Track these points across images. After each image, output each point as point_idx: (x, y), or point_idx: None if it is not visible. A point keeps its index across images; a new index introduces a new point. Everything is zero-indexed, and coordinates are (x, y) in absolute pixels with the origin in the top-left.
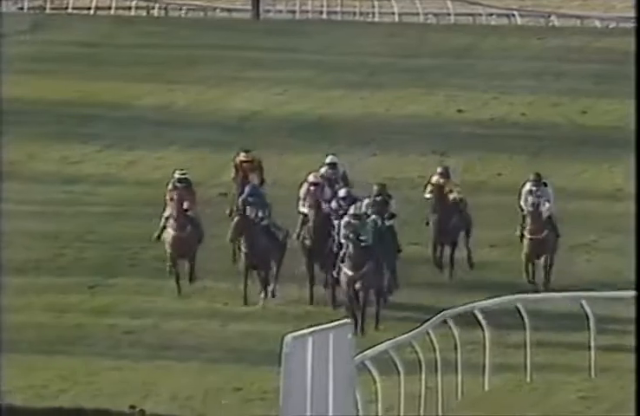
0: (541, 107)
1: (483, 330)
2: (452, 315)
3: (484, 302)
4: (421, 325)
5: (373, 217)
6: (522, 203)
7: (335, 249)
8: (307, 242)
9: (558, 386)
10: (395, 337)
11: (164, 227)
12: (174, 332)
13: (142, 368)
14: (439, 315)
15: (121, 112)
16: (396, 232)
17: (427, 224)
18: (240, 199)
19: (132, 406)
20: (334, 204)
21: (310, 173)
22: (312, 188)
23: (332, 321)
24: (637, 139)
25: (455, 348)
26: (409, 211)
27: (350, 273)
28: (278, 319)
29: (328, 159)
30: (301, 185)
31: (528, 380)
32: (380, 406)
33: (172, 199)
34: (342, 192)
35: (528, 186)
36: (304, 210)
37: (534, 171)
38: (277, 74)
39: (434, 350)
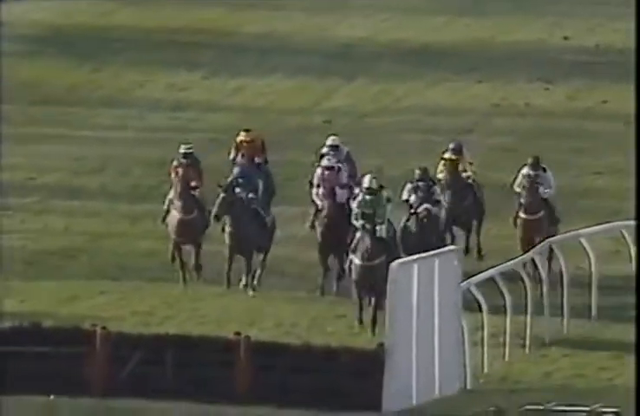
0: None
1: (588, 257)
2: (557, 241)
3: (588, 229)
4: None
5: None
6: (516, 187)
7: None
8: (321, 232)
9: None
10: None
11: (168, 210)
12: (280, 259)
13: (247, 296)
14: (544, 242)
15: (226, 39)
16: (441, 222)
17: None
18: (228, 180)
19: (237, 333)
20: (357, 193)
21: (322, 157)
22: (327, 173)
23: None
24: (637, 138)
25: (561, 274)
26: (513, 140)
27: (360, 262)
28: None
29: (329, 141)
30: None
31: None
32: (485, 332)
33: (177, 177)
34: (366, 182)
35: (525, 170)
36: (318, 198)
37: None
38: (383, 1)
39: (540, 278)
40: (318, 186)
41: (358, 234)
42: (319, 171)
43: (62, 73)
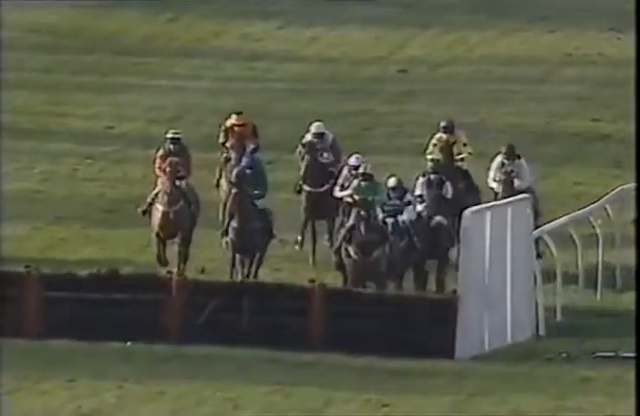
0: None
1: None
2: (629, 189)
3: None
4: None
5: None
6: (490, 182)
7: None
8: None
9: None
10: None
11: (151, 203)
12: None
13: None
14: (617, 190)
15: None
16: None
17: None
18: (236, 171)
19: (311, 280)
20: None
21: (351, 155)
22: (354, 172)
23: None
24: (637, 138)
25: (634, 223)
26: (585, 89)
27: (356, 257)
28: None
29: (313, 129)
30: (340, 169)
31: None
32: (558, 279)
33: (162, 169)
34: (391, 182)
35: (499, 159)
36: (347, 197)
37: None
38: None
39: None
40: (343, 186)
41: (352, 221)
42: (346, 170)
43: (139, 23)
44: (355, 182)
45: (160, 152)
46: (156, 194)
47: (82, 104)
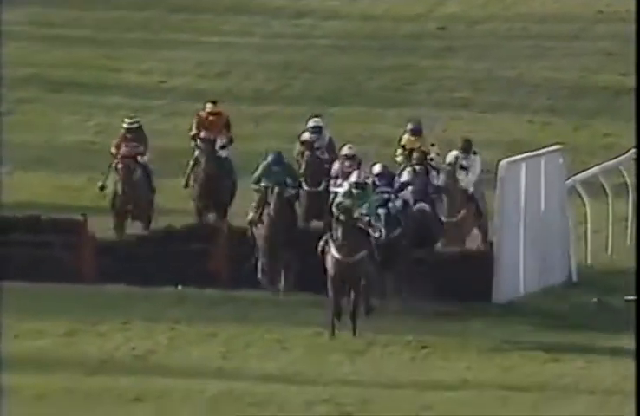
0: None
1: None
2: None
3: None
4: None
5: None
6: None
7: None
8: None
9: None
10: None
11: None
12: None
13: None
14: None
15: None
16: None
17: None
18: (262, 167)
19: None
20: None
21: (343, 145)
22: (347, 163)
23: None
24: (637, 136)
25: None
26: (615, 45)
27: (339, 256)
28: None
29: (311, 123)
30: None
31: None
32: (589, 227)
33: (119, 155)
34: (376, 168)
35: (455, 153)
36: (339, 190)
37: None
38: None
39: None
40: (337, 178)
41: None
42: (338, 162)
43: None
44: (346, 187)
45: (116, 140)
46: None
47: (136, 59)
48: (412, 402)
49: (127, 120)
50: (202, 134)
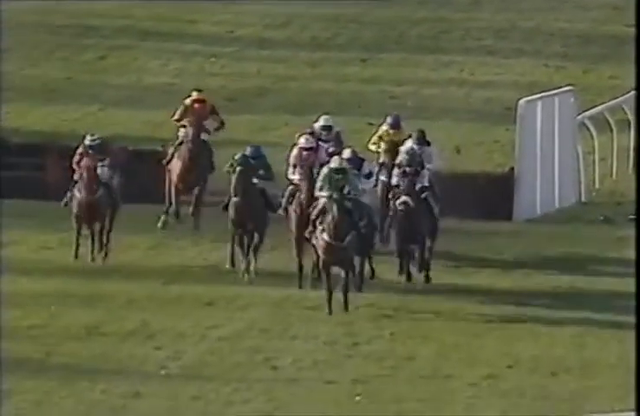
0: None
1: None
2: None
3: None
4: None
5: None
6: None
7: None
8: (297, 215)
9: None
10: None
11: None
12: (430, 96)
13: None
14: None
15: None
16: (432, 207)
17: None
18: (239, 156)
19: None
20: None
21: (301, 135)
22: (305, 153)
23: None
24: (637, 136)
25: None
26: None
27: (328, 240)
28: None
29: (321, 121)
30: (291, 148)
31: None
32: (596, 156)
33: (79, 165)
34: (346, 153)
35: (409, 144)
36: (295, 177)
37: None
38: None
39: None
40: (295, 166)
41: (321, 205)
42: (296, 151)
43: None
44: (326, 171)
45: (80, 150)
46: (75, 181)
47: (209, 12)
48: (445, 305)
49: (89, 137)
50: (186, 120)
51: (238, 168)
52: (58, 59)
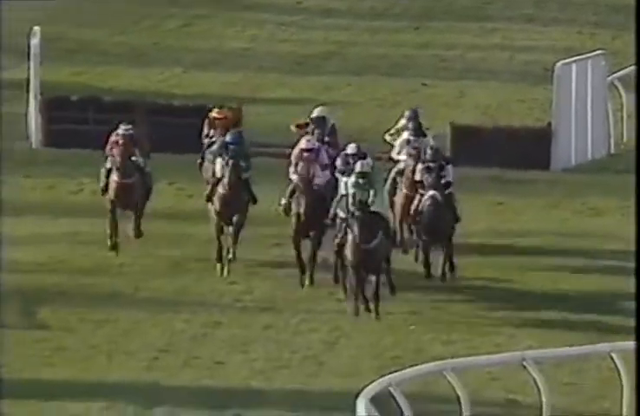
0: None
1: None
2: None
3: None
4: None
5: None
6: (394, 154)
7: (329, 221)
8: (297, 214)
9: None
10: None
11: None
12: (476, 59)
13: (452, 86)
14: None
15: None
16: (455, 203)
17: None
18: (220, 142)
19: None
20: (339, 162)
21: (301, 137)
22: (305, 154)
23: None
24: (638, 137)
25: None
26: None
27: (357, 241)
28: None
29: (316, 112)
30: (292, 147)
31: None
32: (624, 113)
33: (116, 151)
34: (350, 148)
35: (405, 136)
36: (294, 178)
37: None
38: None
39: None
40: (296, 165)
41: (345, 215)
42: (297, 151)
43: None
44: (353, 178)
45: (112, 138)
46: (109, 169)
47: None
48: (492, 244)
49: (122, 126)
50: (214, 132)
51: (230, 161)
52: (145, 27)
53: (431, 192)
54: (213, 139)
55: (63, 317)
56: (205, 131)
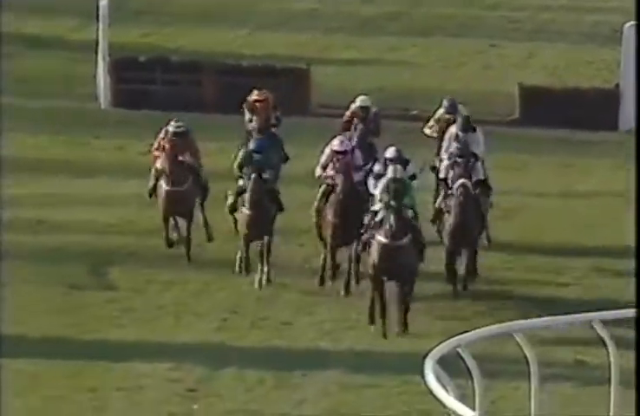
0: None
1: None
2: None
3: None
4: None
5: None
6: (444, 156)
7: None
8: (331, 218)
9: None
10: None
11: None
12: (545, 20)
13: (521, 47)
14: None
15: None
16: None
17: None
18: (242, 153)
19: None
20: (377, 167)
21: (333, 138)
22: (340, 157)
23: None
24: (637, 138)
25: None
26: None
27: (385, 241)
28: None
29: (358, 102)
30: (324, 147)
31: None
32: None
33: (164, 151)
34: (389, 152)
35: (454, 130)
36: (329, 181)
37: None
38: None
39: None
40: (325, 168)
41: (379, 214)
42: (328, 151)
43: None
44: (384, 183)
45: (161, 134)
46: (159, 171)
47: None
48: (557, 208)
49: (173, 123)
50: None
51: (253, 176)
52: None
53: (461, 181)
54: (254, 125)
55: (132, 278)
56: (247, 116)
